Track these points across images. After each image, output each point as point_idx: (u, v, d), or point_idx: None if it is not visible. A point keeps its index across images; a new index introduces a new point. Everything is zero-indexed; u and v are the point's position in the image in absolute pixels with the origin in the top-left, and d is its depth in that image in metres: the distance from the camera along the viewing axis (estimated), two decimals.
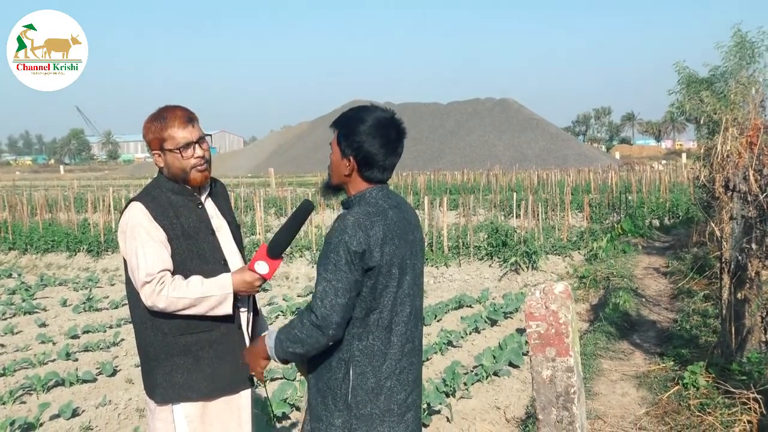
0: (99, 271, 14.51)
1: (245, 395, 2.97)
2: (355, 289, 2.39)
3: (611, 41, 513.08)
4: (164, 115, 2.81)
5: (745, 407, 4.69)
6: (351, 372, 2.45)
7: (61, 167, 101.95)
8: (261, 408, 5.49)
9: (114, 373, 7.02)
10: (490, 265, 12.93)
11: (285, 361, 2.55)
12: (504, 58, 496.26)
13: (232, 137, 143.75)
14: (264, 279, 2.80)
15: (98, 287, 12.67)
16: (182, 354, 2.80)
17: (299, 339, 2.43)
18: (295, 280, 12.98)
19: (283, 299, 10.77)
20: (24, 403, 6.30)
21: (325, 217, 17.26)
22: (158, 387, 2.81)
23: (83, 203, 23.17)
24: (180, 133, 2.79)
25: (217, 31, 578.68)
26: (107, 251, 15.52)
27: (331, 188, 2.64)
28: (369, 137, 2.46)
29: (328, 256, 2.40)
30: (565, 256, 13.05)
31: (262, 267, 2.77)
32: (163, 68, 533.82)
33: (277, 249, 2.78)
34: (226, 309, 2.78)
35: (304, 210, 2.82)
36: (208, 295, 2.72)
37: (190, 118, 2.84)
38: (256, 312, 3.10)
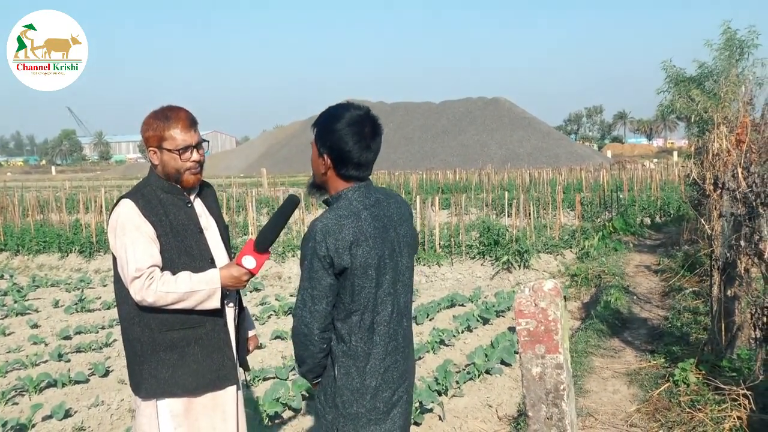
0: (91, 272, 14.47)
1: (231, 391, 3.00)
2: (330, 293, 2.42)
3: (603, 40, 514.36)
4: (168, 115, 2.84)
5: (735, 403, 4.71)
6: (336, 373, 2.50)
7: (53, 168, 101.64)
8: (254, 408, 5.51)
9: (106, 373, 7.02)
10: (482, 264, 12.95)
11: (316, 380, 2.62)
12: (496, 57, 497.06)
13: (224, 137, 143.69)
14: (251, 273, 2.84)
15: (90, 288, 12.63)
16: (168, 350, 2.83)
17: (299, 357, 2.53)
18: (287, 280, 12.97)
19: (276, 299, 10.76)
20: (16, 404, 6.29)
21: (316, 215, 17.24)
22: (144, 382, 2.85)
23: (75, 204, 23.12)
24: (181, 136, 2.83)
25: (209, 31, 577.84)
26: (99, 252, 15.47)
27: (316, 187, 2.66)
28: (342, 134, 2.47)
29: (302, 264, 2.45)
30: (557, 255, 13.08)
31: (249, 261, 2.80)
32: (155, 68, 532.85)
33: (263, 243, 2.81)
34: (215, 303, 2.82)
35: (290, 204, 2.86)
36: (197, 289, 2.76)
37: (192, 122, 2.89)
38: (241, 308, 3.15)
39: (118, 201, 2.87)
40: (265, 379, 6.58)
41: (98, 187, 32.09)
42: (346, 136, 2.47)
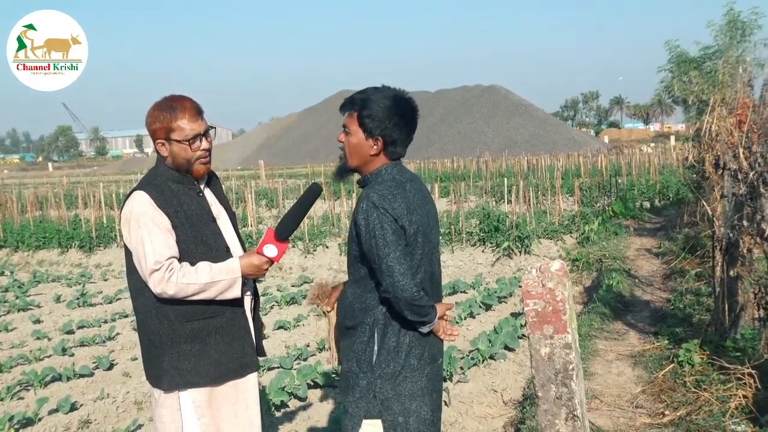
0: (92, 267, 14.45)
1: (252, 378, 3.01)
2: (408, 252, 2.51)
3: (598, 25, 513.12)
4: (173, 106, 2.80)
5: (740, 382, 4.73)
6: (375, 335, 2.58)
7: (50, 164, 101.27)
8: (259, 397, 5.51)
9: (111, 367, 7.02)
10: (482, 251, 12.96)
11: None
12: (491, 44, 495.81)
13: (220, 130, 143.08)
14: (272, 262, 2.84)
15: (91, 282, 12.63)
16: (189, 341, 2.81)
17: (420, 323, 2.58)
18: (288, 271, 12.96)
19: (278, 290, 10.77)
20: (22, 398, 6.29)
21: (316, 208, 17.21)
22: (165, 374, 2.81)
23: (73, 199, 23.08)
24: (189, 125, 2.80)
25: (203, 25, 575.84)
26: (99, 246, 15.46)
27: (348, 171, 2.73)
28: (395, 116, 2.60)
29: (373, 235, 2.48)
30: (558, 240, 13.08)
31: (270, 250, 2.81)
32: (150, 63, 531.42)
33: (285, 232, 2.82)
34: (235, 292, 2.82)
35: (312, 192, 2.86)
36: (218, 279, 2.75)
37: (198, 110, 2.86)
38: (257, 296, 3.14)
39: (130, 193, 2.84)
40: (269, 369, 6.59)
41: (96, 182, 32.09)
42: (400, 118, 2.61)
